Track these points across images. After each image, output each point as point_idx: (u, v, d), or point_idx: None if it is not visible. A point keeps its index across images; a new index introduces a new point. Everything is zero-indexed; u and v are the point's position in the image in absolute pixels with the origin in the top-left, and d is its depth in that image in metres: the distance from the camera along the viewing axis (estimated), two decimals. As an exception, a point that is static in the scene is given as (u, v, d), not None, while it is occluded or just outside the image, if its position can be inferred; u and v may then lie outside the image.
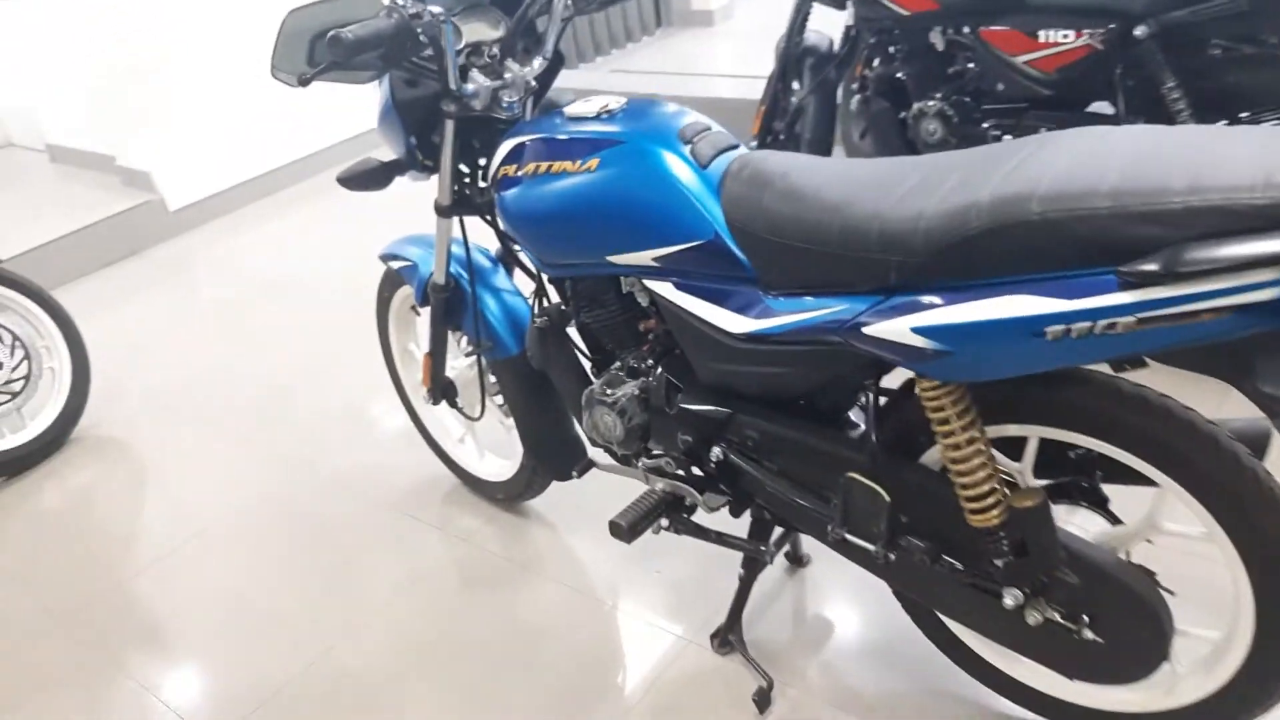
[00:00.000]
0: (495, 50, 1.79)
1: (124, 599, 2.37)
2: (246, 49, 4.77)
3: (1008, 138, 2.70)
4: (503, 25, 1.85)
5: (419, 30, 1.59)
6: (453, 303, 2.08)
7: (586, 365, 1.93)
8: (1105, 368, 1.22)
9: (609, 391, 1.75)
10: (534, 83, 1.82)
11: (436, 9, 1.62)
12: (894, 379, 1.42)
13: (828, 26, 3.22)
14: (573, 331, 1.90)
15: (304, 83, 1.57)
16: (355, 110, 5.22)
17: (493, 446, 2.45)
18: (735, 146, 1.58)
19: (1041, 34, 2.52)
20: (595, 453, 2.01)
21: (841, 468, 1.48)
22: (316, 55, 1.61)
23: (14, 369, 3.00)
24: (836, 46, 3.18)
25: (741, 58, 5.43)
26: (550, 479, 2.23)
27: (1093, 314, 1.07)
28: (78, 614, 2.34)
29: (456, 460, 2.48)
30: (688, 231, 1.50)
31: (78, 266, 4.38)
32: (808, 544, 2.08)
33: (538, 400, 2.08)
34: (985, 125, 2.74)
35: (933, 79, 2.83)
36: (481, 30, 1.81)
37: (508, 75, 1.78)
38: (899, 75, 2.92)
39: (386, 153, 1.84)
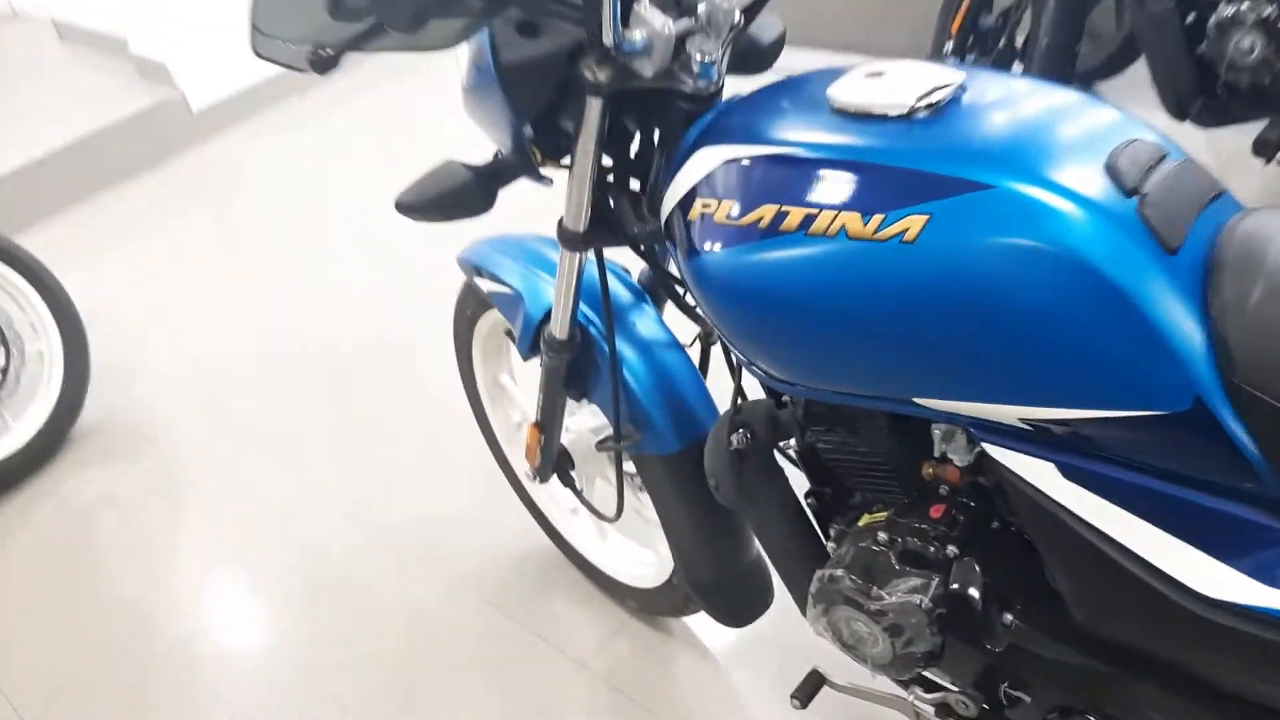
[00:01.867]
0: None
1: (146, 682, 1.75)
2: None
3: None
4: None
5: None
6: (580, 366, 1.33)
7: (799, 494, 1.18)
8: None
9: (874, 592, 1.00)
10: (739, 17, 1.00)
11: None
12: None
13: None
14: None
15: (325, 64, 0.79)
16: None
17: (623, 527, 1.73)
18: (1219, 196, 0.78)
19: None
20: (811, 644, 1.20)
21: None
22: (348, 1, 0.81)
23: (-13, 359, 2.33)
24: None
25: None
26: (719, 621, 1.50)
27: None
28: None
29: (568, 538, 1.77)
30: (1130, 389, 0.73)
31: (75, 187, 3.61)
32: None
33: (709, 523, 1.34)
34: (1342, 44, 1.84)
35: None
36: None
37: (702, 9, 0.96)
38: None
39: (478, 146, 0.98)
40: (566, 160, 1.10)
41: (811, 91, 0.92)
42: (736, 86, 1.04)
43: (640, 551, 1.66)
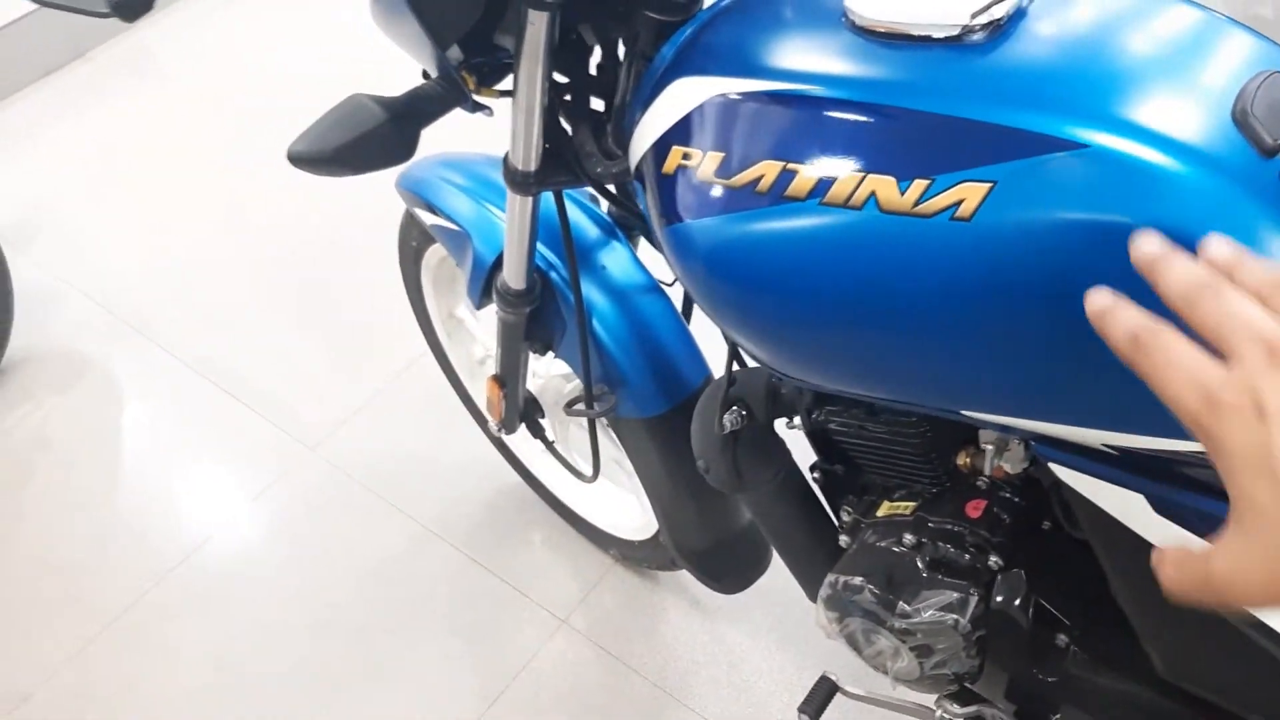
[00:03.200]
0: None
1: (85, 672, 1.62)
2: None
3: None
4: None
5: None
6: (543, 316, 1.13)
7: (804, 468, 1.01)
8: None
9: (903, 608, 0.84)
10: None
11: None
12: None
13: None
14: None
15: (133, 7, 0.57)
16: None
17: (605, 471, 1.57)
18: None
19: None
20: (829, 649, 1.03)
21: None
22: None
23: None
24: None
25: None
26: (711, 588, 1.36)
27: None
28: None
29: (542, 481, 1.61)
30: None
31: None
32: None
33: (698, 488, 1.17)
34: None
35: None
36: None
37: None
38: None
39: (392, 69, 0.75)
40: (508, 84, 0.88)
41: (821, 1, 0.69)
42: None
43: (624, 499, 1.50)
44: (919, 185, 0.59)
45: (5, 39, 3.23)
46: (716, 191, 0.68)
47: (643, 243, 1.17)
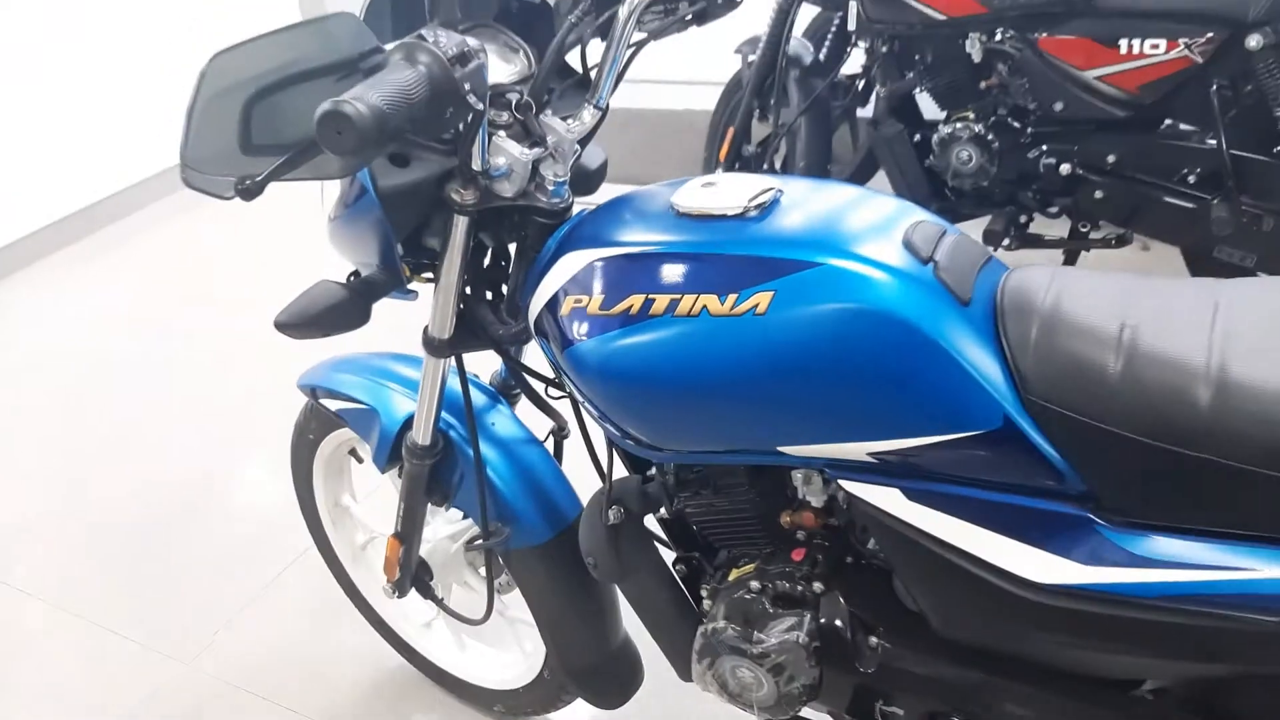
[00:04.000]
0: (525, 97, 1.11)
1: None
2: (34, 54, 3.73)
3: (1065, 167, 2.22)
4: (522, 57, 1.17)
5: (465, 88, 0.90)
6: (441, 471, 1.38)
7: (669, 561, 1.28)
8: None
9: (757, 637, 1.11)
10: (579, 146, 1.15)
11: (474, 42, 0.93)
12: None
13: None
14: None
15: (250, 192, 0.86)
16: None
17: (483, 633, 1.75)
18: (989, 259, 0.99)
19: (1123, 44, 2.05)
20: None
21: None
22: (255, 132, 0.89)
23: None
24: (821, 55, 2.64)
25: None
26: (597, 705, 1.55)
27: None
28: None
29: (424, 654, 1.76)
30: (951, 416, 0.90)
31: None
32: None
33: (583, 606, 1.41)
34: (1035, 153, 2.24)
35: (963, 95, 2.32)
36: (494, 67, 1.13)
37: (550, 140, 1.10)
38: (914, 91, 2.40)
39: (337, 268, 1.07)
40: (428, 275, 1.19)
41: (655, 201, 1.07)
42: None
43: (503, 654, 1.69)
44: (732, 297, 0.94)
45: None
46: (601, 320, 1.01)
47: (521, 405, 1.46)
